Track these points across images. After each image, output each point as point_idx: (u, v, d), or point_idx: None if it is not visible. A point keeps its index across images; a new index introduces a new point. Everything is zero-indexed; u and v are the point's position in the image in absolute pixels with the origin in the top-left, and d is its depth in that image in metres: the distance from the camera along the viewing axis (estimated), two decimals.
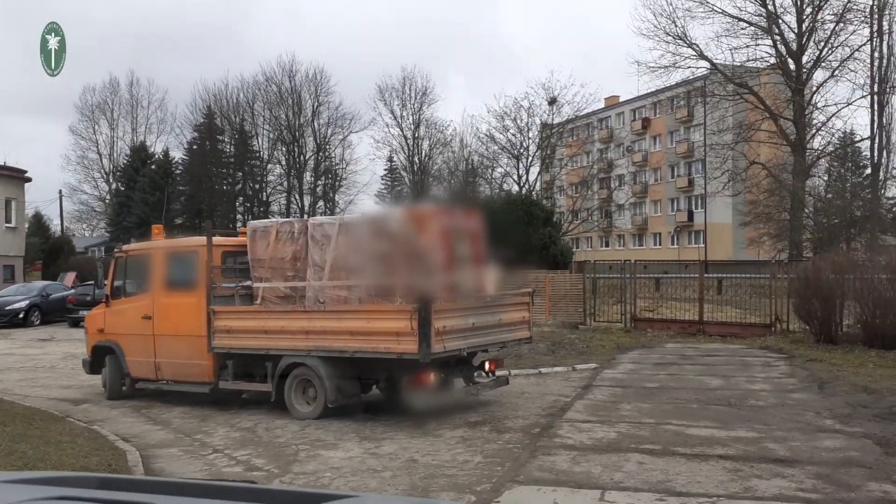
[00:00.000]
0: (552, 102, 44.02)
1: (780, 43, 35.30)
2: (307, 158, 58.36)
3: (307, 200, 57.96)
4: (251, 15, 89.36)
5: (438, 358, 9.20)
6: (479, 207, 12.20)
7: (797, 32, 35.09)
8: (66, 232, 53.57)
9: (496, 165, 46.67)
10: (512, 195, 36.21)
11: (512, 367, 13.08)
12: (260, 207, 57.07)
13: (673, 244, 59.73)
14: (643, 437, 8.58)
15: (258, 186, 58.46)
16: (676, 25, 35.52)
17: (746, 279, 23.19)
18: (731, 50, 37.90)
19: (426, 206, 13.38)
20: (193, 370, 11.05)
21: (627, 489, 6.61)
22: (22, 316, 26.79)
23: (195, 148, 57.29)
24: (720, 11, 34.89)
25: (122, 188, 57.14)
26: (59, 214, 53.30)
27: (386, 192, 59.32)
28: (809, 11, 34.70)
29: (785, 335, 17.62)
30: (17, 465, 7.30)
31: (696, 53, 35.70)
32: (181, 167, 56.72)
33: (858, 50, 34.14)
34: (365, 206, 62.17)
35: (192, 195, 55.11)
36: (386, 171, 60.57)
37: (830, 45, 34.31)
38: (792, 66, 35.39)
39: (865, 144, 37.70)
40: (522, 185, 44.31)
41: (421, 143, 56.06)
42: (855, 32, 34.07)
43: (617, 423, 9.36)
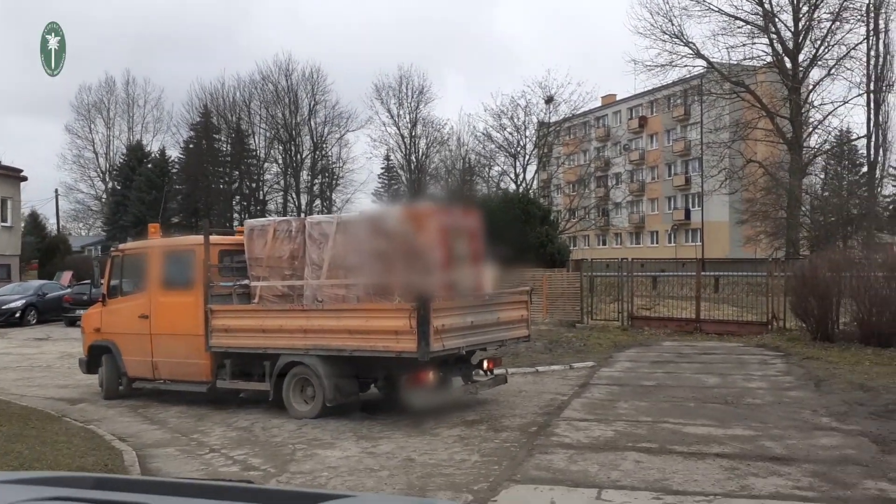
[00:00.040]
0: (549, 101, 44.11)
1: (776, 41, 35.43)
2: (304, 157, 58.39)
3: (304, 199, 58.00)
4: (251, 15, 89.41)
5: (437, 356, 9.18)
6: (476, 206, 12.15)
7: (793, 31, 35.19)
8: (62, 231, 53.30)
9: (493, 164, 46.82)
10: (509, 194, 36.28)
11: (509, 365, 13.06)
12: (256, 206, 57.02)
13: (670, 242, 59.77)
14: (640, 435, 8.58)
15: (255, 185, 58.44)
16: (673, 24, 35.67)
17: (743, 277, 23.28)
18: (727, 48, 38.19)
19: (424, 204, 13.35)
20: (191, 369, 11.02)
21: (624, 488, 6.61)
22: (18, 315, 26.73)
23: (192, 147, 57.28)
24: (717, 10, 35.05)
25: (118, 187, 57.14)
26: (55, 213, 53.24)
27: (383, 190, 59.40)
28: (806, 10, 34.82)
29: (781, 333, 17.64)
30: (12, 465, 7.28)
31: (692, 52, 35.84)
32: (178, 166, 56.68)
33: (855, 48, 34.36)
34: (362, 204, 62.11)
35: (188, 194, 55.04)
36: (383, 169, 60.63)
37: (827, 43, 34.47)
38: (788, 64, 35.49)
39: (862, 142, 37.92)
40: (519, 183, 44.39)
41: (418, 141, 56.16)
42: (851, 31, 34.29)
43: (614, 421, 9.36)
